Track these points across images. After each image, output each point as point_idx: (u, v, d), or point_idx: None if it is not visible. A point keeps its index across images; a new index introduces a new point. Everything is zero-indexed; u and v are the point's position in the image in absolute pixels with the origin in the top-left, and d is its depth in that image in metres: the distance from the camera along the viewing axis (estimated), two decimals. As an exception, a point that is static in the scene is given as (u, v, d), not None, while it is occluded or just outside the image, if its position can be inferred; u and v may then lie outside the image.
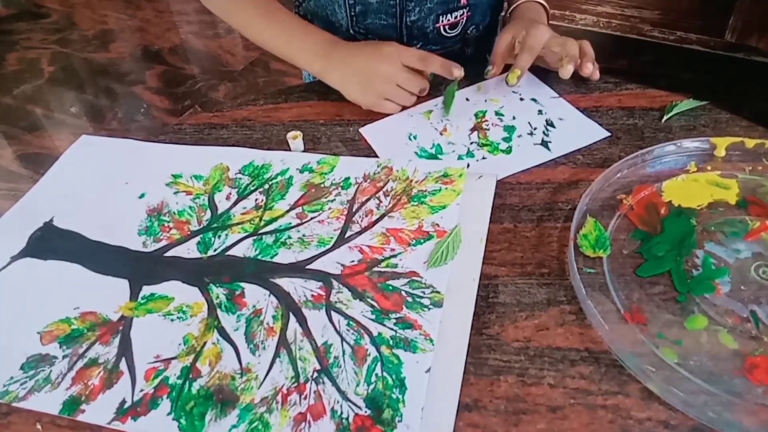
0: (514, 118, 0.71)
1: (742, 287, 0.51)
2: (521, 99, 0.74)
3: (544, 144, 0.67)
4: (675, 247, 0.54)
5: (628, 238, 0.56)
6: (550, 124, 0.70)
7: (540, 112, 0.72)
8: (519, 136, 0.69)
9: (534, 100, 0.74)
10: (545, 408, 0.45)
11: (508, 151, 0.67)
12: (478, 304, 0.52)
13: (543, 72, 0.78)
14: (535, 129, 0.69)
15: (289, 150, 0.70)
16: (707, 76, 2.02)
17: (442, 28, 0.84)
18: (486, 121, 0.71)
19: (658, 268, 0.53)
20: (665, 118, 0.69)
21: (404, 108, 0.74)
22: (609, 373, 0.47)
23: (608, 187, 0.60)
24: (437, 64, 0.72)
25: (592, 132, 0.68)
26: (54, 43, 2.55)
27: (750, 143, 0.61)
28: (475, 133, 0.70)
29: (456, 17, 0.83)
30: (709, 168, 0.61)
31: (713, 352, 0.47)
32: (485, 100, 0.74)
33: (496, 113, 0.72)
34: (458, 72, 0.72)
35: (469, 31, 0.87)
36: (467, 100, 0.75)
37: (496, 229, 0.59)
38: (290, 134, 0.70)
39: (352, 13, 0.81)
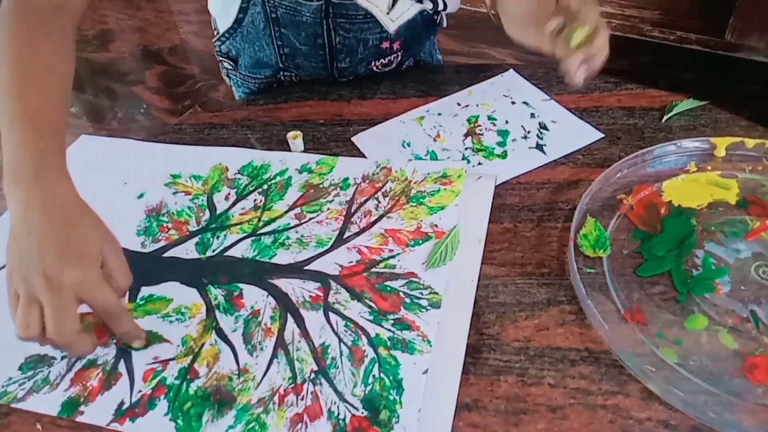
0: (507, 122, 0.71)
1: (742, 287, 0.51)
2: (513, 102, 0.73)
3: (539, 147, 0.67)
4: (675, 247, 0.54)
5: (628, 238, 0.56)
6: (543, 127, 0.69)
7: (532, 115, 0.71)
8: (513, 140, 0.68)
9: (525, 103, 0.73)
10: (545, 408, 0.45)
11: (504, 155, 0.67)
12: (478, 304, 0.52)
13: (532, 73, 0.77)
14: (528, 132, 0.69)
15: (289, 150, 0.70)
16: (707, 76, 2.02)
17: (374, 67, 0.83)
18: (479, 125, 0.71)
19: (658, 268, 0.53)
20: (665, 118, 0.69)
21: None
22: (609, 373, 0.47)
23: (608, 187, 0.60)
24: (123, 329, 0.49)
25: (586, 133, 0.68)
26: (54, 43, 2.55)
27: (750, 143, 0.61)
28: (469, 138, 0.69)
29: (389, 60, 0.82)
30: (709, 168, 0.61)
31: (713, 352, 0.47)
32: (477, 105, 0.74)
33: (489, 118, 0.72)
34: (141, 344, 0.51)
35: (404, 66, 0.86)
36: (458, 104, 0.74)
37: (496, 229, 0.59)
38: (290, 134, 0.70)
39: (281, 53, 0.79)
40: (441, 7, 0.79)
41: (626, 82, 0.75)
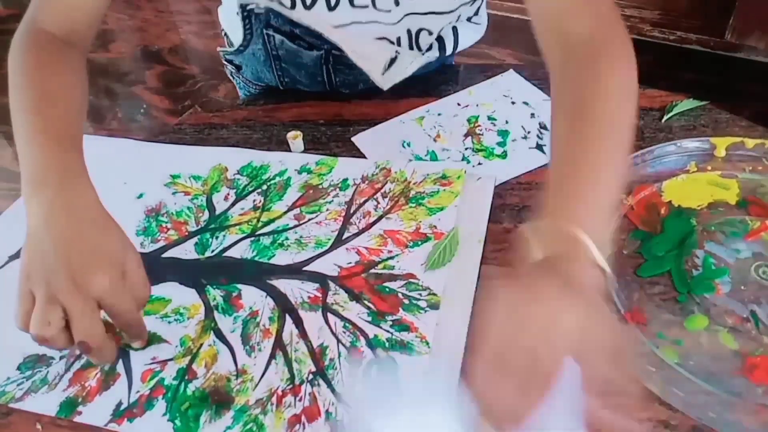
0: (507, 122, 0.70)
1: (742, 287, 0.50)
2: (513, 102, 0.73)
3: (539, 147, 0.66)
4: (675, 247, 0.54)
5: (628, 238, 0.56)
6: (543, 127, 0.69)
7: (532, 115, 0.71)
8: (513, 141, 0.68)
9: (526, 103, 0.73)
10: (545, 408, 0.45)
11: (504, 155, 0.66)
12: (479, 303, 0.52)
13: (532, 73, 0.77)
14: (528, 132, 0.69)
15: (289, 150, 0.70)
16: (707, 76, 2.02)
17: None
18: (479, 126, 0.70)
19: (658, 268, 0.53)
20: (665, 118, 0.69)
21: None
22: (608, 373, 0.47)
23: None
24: (128, 327, 0.48)
25: None
26: (54, 43, 2.55)
27: (750, 143, 0.61)
28: (469, 138, 0.69)
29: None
30: (709, 168, 0.61)
31: (713, 352, 0.47)
32: (477, 105, 0.73)
33: (489, 118, 0.71)
34: (139, 344, 0.51)
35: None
36: (458, 104, 0.74)
37: (496, 229, 0.59)
38: (290, 134, 0.70)
39: (282, 81, 0.79)
40: (450, 51, 0.76)
41: (626, 82, 0.75)
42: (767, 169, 0.60)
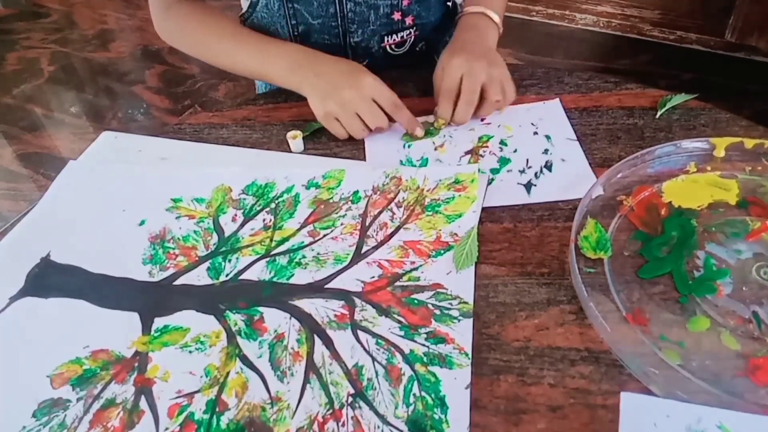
0: (515, 151, 0.67)
1: (744, 288, 0.50)
2: (535, 133, 0.69)
3: (528, 186, 0.63)
4: (676, 248, 0.54)
5: (628, 240, 0.56)
6: (547, 167, 0.65)
7: (546, 151, 0.67)
8: (508, 171, 0.65)
9: (547, 137, 0.68)
10: (545, 408, 0.45)
11: (489, 182, 0.64)
12: (478, 303, 0.52)
13: (532, 73, 0.76)
14: (529, 168, 0.65)
15: (289, 150, 0.70)
16: (707, 76, 2.02)
17: (387, 47, 0.83)
18: (486, 146, 0.68)
19: (659, 270, 0.53)
20: (659, 113, 0.69)
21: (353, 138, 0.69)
22: (609, 372, 0.47)
23: (608, 188, 0.60)
24: (405, 118, 0.69)
25: (587, 184, 0.59)
26: (54, 42, 2.55)
27: (749, 143, 0.61)
28: (467, 156, 0.67)
29: (402, 36, 0.83)
30: (708, 168, 0.61)
31: (715, 353, 0.46)
32: (498, 125, 0.71)
33: (501, 141, 0.69)
34: (420, 132, 0.69)
35: (418, 48, 0.86)
36: (482, 120, 0.72)
37: (496, 229, 0.59)
38: (290, 134, 0.70)
39: (295, 33, 0.80)
40: None
41: (626, 82, 0.75)
42: (767, 169, 0.60)
